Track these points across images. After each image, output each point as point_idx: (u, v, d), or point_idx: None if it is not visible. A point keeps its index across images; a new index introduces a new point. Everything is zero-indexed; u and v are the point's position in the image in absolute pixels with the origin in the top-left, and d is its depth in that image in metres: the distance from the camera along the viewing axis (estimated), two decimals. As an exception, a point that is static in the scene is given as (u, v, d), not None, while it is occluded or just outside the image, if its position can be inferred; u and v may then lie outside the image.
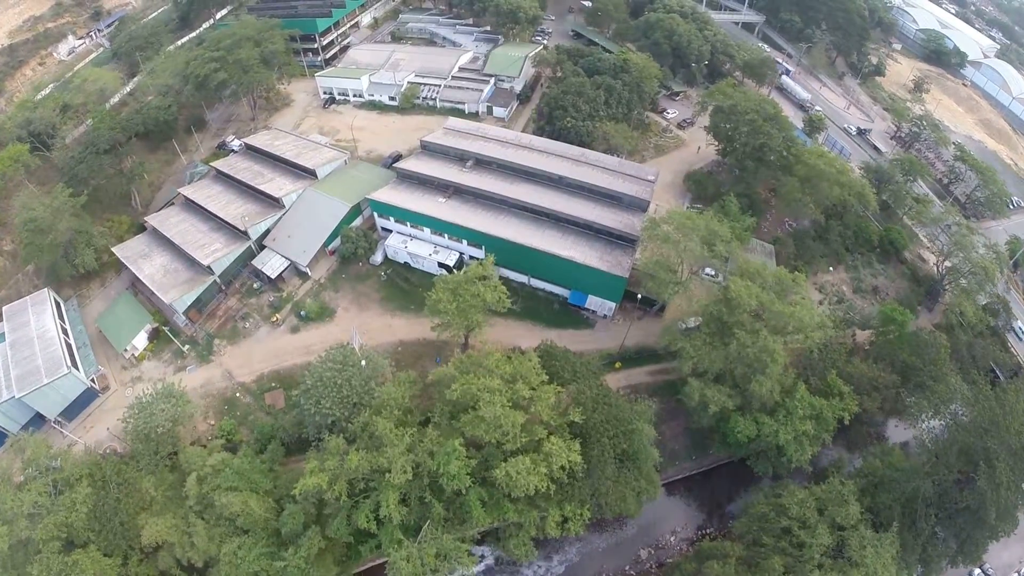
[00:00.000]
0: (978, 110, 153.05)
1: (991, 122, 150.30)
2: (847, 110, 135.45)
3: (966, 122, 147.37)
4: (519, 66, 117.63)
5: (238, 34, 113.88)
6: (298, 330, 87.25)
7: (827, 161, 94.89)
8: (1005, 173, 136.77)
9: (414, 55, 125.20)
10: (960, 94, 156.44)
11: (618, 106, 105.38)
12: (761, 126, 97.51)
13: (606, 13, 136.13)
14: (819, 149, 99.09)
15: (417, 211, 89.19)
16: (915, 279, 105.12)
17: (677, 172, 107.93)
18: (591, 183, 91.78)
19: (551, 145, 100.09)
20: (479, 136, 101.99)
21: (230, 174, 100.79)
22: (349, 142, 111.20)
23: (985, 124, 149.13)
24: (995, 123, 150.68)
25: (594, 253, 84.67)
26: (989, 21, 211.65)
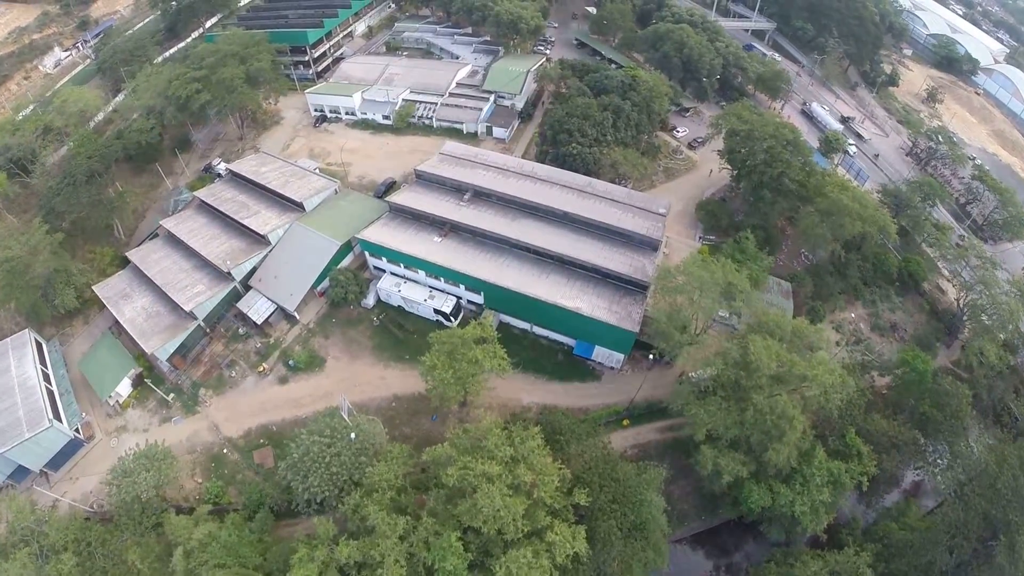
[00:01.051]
0: (991, 120, 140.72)
1: (1004, 133, 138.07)
2: (862, 124, 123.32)
3: (979, 134, 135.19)
4: (520, 82, 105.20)
5: (222, 51, 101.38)
6: (286, 381, 77.06)
7: (850, 195, 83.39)
8: (1020, 188, 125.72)
9: (409, 69, 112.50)
10: (973, 103, 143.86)
11: (626, 129, 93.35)
12: (779, 154, 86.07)
13: (612, 21, 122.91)
14: (841, 180, 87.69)
15: (410, 253, 78.09)
16: (934, 312, 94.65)
17: (688, 199, 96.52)
18: (599, 220, 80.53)
19: (555, 174, 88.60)
20: (478, 163, 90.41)
21: (214, 205, 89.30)
22: (340, 166, 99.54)
23: (998, 135, 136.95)
24: (1008, 134, 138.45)
25: (602, 302, 74.07)
26: (996, 22, 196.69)
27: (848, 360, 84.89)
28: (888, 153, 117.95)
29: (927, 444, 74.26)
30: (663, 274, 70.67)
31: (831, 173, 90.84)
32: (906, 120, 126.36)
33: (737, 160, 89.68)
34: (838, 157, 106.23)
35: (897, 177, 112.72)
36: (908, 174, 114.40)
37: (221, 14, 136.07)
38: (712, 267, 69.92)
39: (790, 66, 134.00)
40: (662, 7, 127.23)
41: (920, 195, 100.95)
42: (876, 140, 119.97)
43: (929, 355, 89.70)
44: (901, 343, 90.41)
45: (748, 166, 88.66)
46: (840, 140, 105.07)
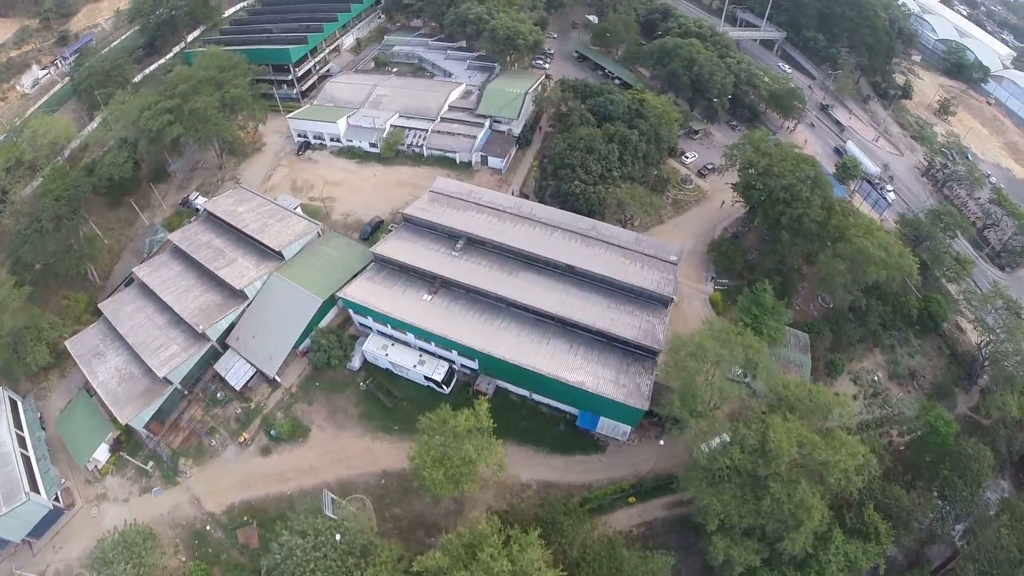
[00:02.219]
0: (1004, 132, 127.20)
1: (1018, 146, 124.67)
2: (876, 142, 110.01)
3: (992, 147, 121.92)
4: (518, 105, 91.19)
5: (196, 76, 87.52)
6: (269, 452, 66.17)
7: (875, 242, 71.19)
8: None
9: (398, 90, 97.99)
10: (985, 114, 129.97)
11: (633, 162, 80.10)
12: (800, 192, 73.60)
13: (615, 33, 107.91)
14: (866, 223, 75.11)
15: (397, 316, 65.90)
16: (953, 355, 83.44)
17: (699, 235, 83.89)
18: (605, 275, 68.20)
19: (556, 216, 75.62)
20: (471, 203, 77.27)
21: (188, 252, 76.72)
22: (323, 201, 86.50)
23: (1011, 148, 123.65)
24: (1021, 147, 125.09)
25: (608, 373, 62.37)
26: (1000, 23, 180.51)
27: (866, 415, 75.25)
28: (903, 174, 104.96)
29: (946, 510, 65.02)
30: (675, 346, 59.17)
31: (853, 211, 78.33)
32: (920, 136, 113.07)
33: (753, 197, 77.03)
34: (855, 183, 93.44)
35: (914, 202, 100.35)
36: (924, 197, 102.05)
37: (204, 27, 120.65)
38: (730, 338, 58.49)
39: (801, 79, 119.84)
40: (668, 17, 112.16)
41: (940, 226, 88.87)
42: (891, 160, 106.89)
43: (948, 403, 79.84)
44: (920, 392, 79.68)
45: (765, 204, 76.45)
46: (857, 166, 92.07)
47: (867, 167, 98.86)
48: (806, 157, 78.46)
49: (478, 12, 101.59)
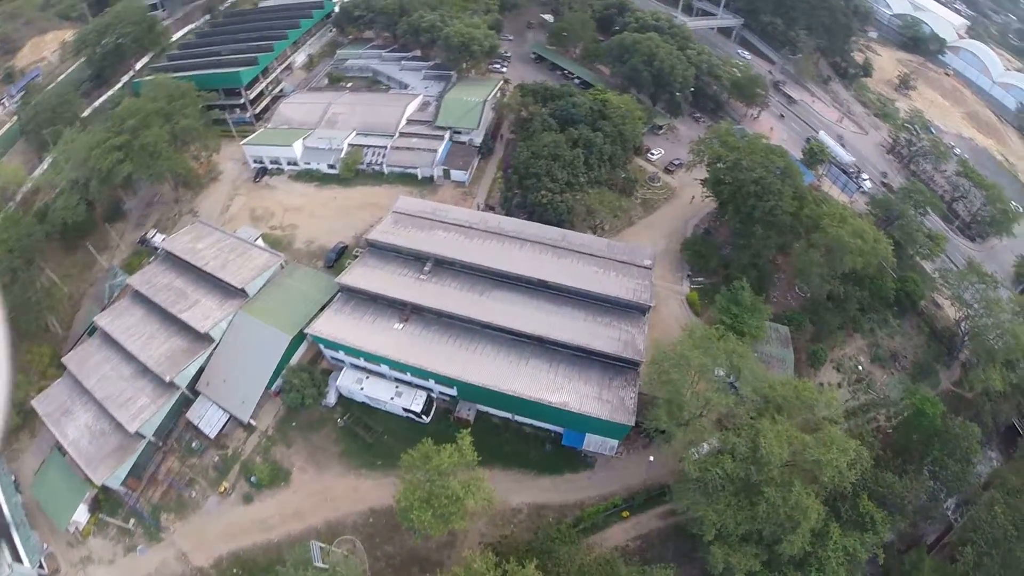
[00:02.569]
0: (963, 102, 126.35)
1: (978, 114, 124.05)
2: (840, 123, 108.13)
3: (953, 117, 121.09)
4: (477, 114, 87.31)
5: (144, 109, 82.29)
6: (251, 499, 62.36)
7: (850, 230, 69.24)
8: (999, 174, 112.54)
9: (354, 106, 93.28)
10: (944, 85, 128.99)
11: (600, 166, 77.06)
12: (771, 184, 71.14)
13: (572, 32, 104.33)
14: (840, 211, 72.95)
15: (369, 350, 62.32)
16: (932, 332, 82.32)
17: (671, 234, 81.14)
18: (579, 287, 65.32)
19: (524, 228, 72.29)
20: (436, 221, 73.51)
21: (149, 296, 71.73)
22: (284, 230, 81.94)
23: (972, 117, 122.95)
24: (982, 115, 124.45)
25: (591, 389, 59.60)
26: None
27: (852, 402, 73.52)
28: (870, 152, 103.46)
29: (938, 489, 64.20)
30: (657, 358, 56.31)
31: (826, 199, 76.01)
32: (883, 113, 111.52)
33: (724, 192, 74.42)
34: (823, 168, 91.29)
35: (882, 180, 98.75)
36: (892, 175, 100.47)
37: (152, 53, 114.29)
38: (711, 344, 55.97)
39: (761, 65, 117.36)
40: (624, 12, 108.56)
41: (911, 203, 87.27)
42: (857, 139, 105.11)
43: (931, 381, 78.63)
44: (903, 373, 78.37)
45: (736, 199, 73.81)
46: (824, 151, 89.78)
47: (841, 157, 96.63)
48: (775, 148, 76.09)
49: (431, 20, 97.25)
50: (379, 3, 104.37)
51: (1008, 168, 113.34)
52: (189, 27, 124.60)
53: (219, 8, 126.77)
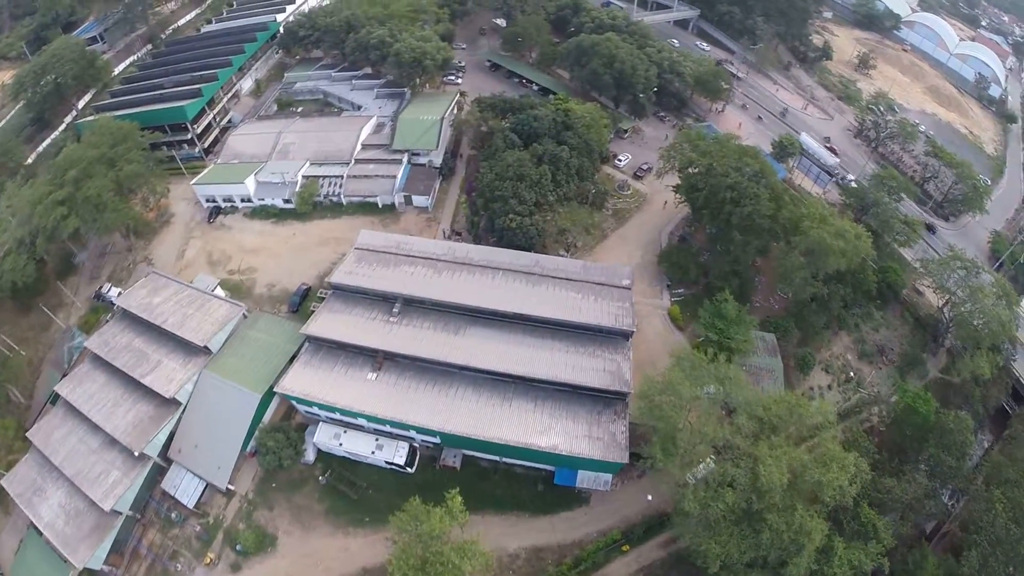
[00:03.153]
0: (923, 76, 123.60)
1: (939, 89, 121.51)
2: (805, 110, 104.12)
3: (915, 93, 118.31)
4: (435, 134, 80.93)
5: (86, 157, 74.72)
6: (239, 568, 57.04)
7: (832, 231, 65.31)
8: (964, 148, 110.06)
9: (306, 134, 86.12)
10: (903, 62, 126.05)
11: (568, 181, 71.85)
12: (747, 189, 66.62)
13: (526, 36, 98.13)
14: (820, 212, 68.92)
15: (343, 405, 56.95)
16: (916, 320, 79.34)
17: (647, 245, 76.48)
18: (557, 318, 60.58)
19: (494, 256, 67.08)
20: (402, 255, 67.75)
21: (109, 360, 65.22)
22: (244, 273, 75.21)
23: (933, 92, 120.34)
24: (943, 89, 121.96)
25: (579, 427, 55.20)
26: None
27: (843, 403, 70.11)
28: (837, 137, 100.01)
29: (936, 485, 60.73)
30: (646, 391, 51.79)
31: (803, 199, 71.76)
32: (846, 95, 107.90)
33: (698, 199, 69.79)
34: (793, 160, 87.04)
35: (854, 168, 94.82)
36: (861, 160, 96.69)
37: (94, 89, 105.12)
38: (700, 371, 51.64)
39: (720, 55, 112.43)
40: (579, 12, 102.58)
41: (885, 191, 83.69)
42: (822, 125, 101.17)
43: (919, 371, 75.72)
44: (891, 366, 75.32)
45: (711, 205, 69.16)
46: (794, 144, 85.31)
47: (824, 159, 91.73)
48: (748, 149, 71.75)
49: (380, 36, 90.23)
50: (324, 21, 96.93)
51: (973, 141, 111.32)
52: (131, 58, 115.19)
53: (160, 37, 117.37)
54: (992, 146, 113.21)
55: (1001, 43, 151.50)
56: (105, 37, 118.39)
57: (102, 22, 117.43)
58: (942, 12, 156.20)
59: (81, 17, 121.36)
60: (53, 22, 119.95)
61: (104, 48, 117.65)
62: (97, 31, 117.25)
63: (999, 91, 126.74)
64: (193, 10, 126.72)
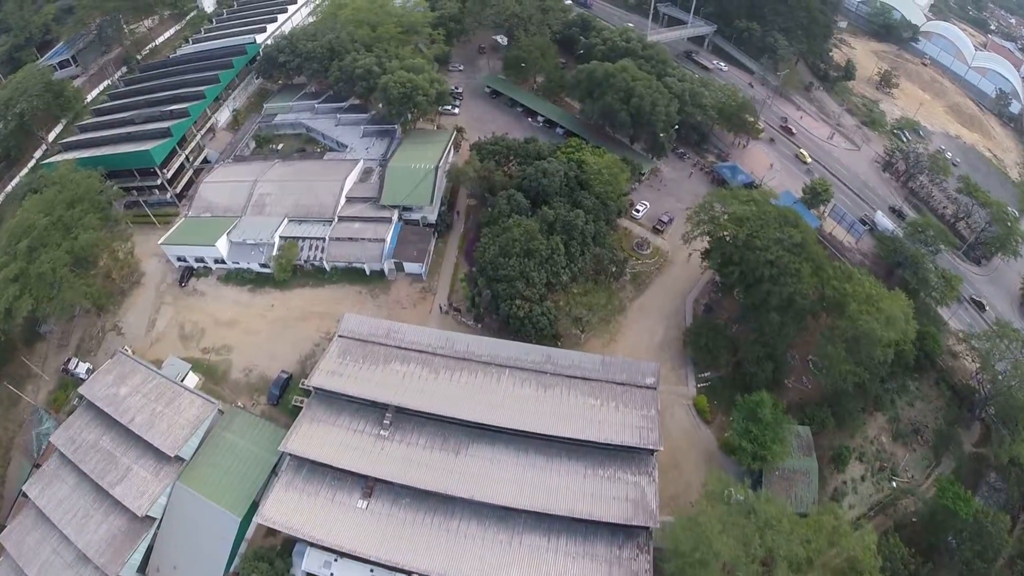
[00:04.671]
0: (944, 93, 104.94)
1: (960, 107, 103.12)
2: (831, 139, 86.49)
3: (938, 113, 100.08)
4: (429, 186, 63.63)
5: (39, 224, 58.95)
6: None
7: (883, 319, 50.64)
8: (989, 175, 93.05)
9: (284, 184, 68.42)
10: (923, 77, 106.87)
11: (582, 254, 55.79)
12: (788, 265, 51.09)
13: (530, 61, 78.81)
14: (867, 287, 53.29)
15: (330, 543, 43.36)
16: (951, 387, 64.76)
17: (669, 317, 60.74)
18: (574, 436, 46.02)
19: (499, 350, 51.69)
20: (392, 347, 52.39)
21: (76, 463, 51.87)
22: (219, 352, 59.76)
23: (955, 111, 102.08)
24: (964, 107, 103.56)
25: (599, 568, 41.47)
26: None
27: (875, 495, 56.89)
28: (864, 170, 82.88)
29: None
30: (677, 544, 38.62)
31: (848, 272, 55.75)
32: (870, 120, 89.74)
33: (732, 275, 54.19)
34: (827, 208, 70.57)
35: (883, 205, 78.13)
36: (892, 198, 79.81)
37: (65, 119, 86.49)
38: (739, 522, 38.39)
39: (740, 76, 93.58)
40: (588, 30, 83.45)
41: (923, 243, 67.93)
42: (849, 157, 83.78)
43: (954, 449, 61.97)
44: (926, 446, 61.79)
45: (746, 280, 53.60)
46: (828, 190, 68.48)
47: (884, 225, 73.47)
48: (788, 214, 55.59)
49: (366, 64, 71.56)
50: (306, 46, 77.38)
51: (997, 165, 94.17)
52: (105, 83, 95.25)
53: (136, 58, 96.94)
54: (1016, 170, 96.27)
55: (1012, 50, 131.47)
56: (78, 59, 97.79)
57: (72, 44, 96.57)
58: (952, 17, 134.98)
59: (57, 35, 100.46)
60: (27, 42, 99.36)
61: (77, 71, 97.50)
62: (69, 54, 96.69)
63: (1019, 107, 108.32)
64: (172, 26, 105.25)
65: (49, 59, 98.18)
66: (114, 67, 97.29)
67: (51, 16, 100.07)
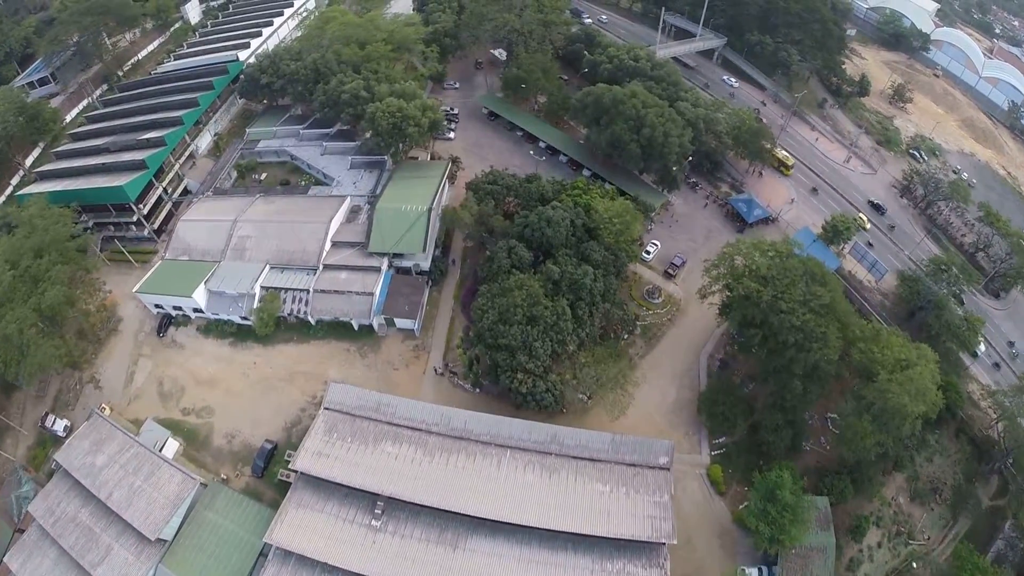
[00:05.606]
0: (957, 107, 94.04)
1: (974, 121, 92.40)
2: (847, 163, 76.14)
3: (951, 128, 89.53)
4: (422, 232, 53.95)
5: (3, 280, 50.13)
6: None
7: (913, 391, 42.55)
8: (1005, 195, 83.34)
9: (265, 225, 58.38)
10: (936, 89, 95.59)
11: (591, 315, 46.87)
12: (814, 329, 42.77)
13: (531, 81, 68.05)
14: (895, 353, 44.76)
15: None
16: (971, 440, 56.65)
17: (682, 376, 52.18)
18: (582, 531, 38.30)
19: (500, 429, 43.43)
20: (383, 423, 44.22)
21: (55, 539, 44.90)
22: (200, 415, 51.43)
23: (968, 125, 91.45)
24: (977, 122, 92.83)
25: None
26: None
27: (892, 561, 49.77)
28: (882, 197, 72.80)
29: None
30: None
31: (876, 332, 47.01)
32: (885, 139, 79.40)
33: (754, 338, 45.77)
34: (848, 246, 61.52)
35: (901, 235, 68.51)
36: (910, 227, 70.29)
37: (43, 142, 75.55)
38: None
39: (752, 94, 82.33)
40: (593, 46, 72.41)
41: (946, 283, 59.11)
42: (866, 181, 74.01)
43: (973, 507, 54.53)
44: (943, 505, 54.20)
45: (768, 343, 45.21)
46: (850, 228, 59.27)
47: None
48: (815, 269, 46.55)
49: (353, 89, 61.24)
50: (289, 67, 66.51)
51: (1012, 185, 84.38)
52: (84, 102, 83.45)
53: (117, 74, 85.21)
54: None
55: (1020, 56, 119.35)
56: (57, 76, 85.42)
57: (49, 62, 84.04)
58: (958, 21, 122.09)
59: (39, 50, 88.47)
60: (7, 57, 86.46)
61: (57, 89, 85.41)
62: (47, 71, 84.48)
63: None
64: (156, 38, 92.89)
65: (27, 77, 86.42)
66: (93, 86, 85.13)
67: (32, 29, 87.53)
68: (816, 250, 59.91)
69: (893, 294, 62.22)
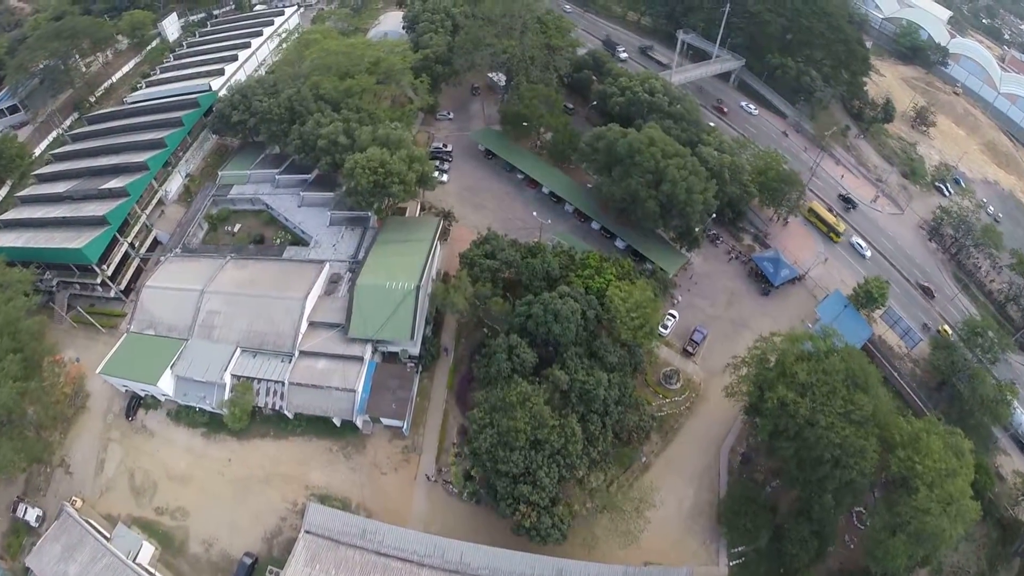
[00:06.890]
0: (978, 128, 79.79)
1: (995, 144, 78.51)
2: (875, 203, 63.27)
3: (973, 152, 75.93)
4: (409, 314, 42.07)
5: None
6: None
7: (954, 512, 33.19)
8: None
9: (236, 298, 46.24)
10: (957, 109, 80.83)
11: (603, 431, 36.20)
12: (852, 444, 32.42)
13: (533, 117, 54.44)
14: (935, 462, 33.99)
15: None
16: (996, 520, 47.15)
17: (700, 476, 42.02)
18: None
19: (501, 563, 33.20)
20: (369, 552, 34.11)
21: None
22: (174, 516, 41.57)
23: (990, 149, 77.74)
24: (999, 145, 78.89)
25: None
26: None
27: None
28: (909, 241, 60.73)
29: None
30: None
31: (917, 438, 36.38)
32: (910, 170, 66.20)
33: (787, 450, 35.23)
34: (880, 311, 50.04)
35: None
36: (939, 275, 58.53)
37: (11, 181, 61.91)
38: None
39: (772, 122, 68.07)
40: (603, 72, 58.55)
41: (980, 349, 48.26)
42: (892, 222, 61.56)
43: None
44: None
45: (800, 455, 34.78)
46: (884, 294, 47.60)
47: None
48: (857, 374, 35.30)
49: (330, 133, 47.91)
50: (262, 104, 52.65)
51: (1036, 216, 72.00)
52: (53, 134, 68.43)
53: (90, 100, 70.28)
54: (1053, 220, 74.50)
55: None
56: (28, 105, 70.27)
57: (15, 91, 68.72)
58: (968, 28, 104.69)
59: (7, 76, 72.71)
60: None
61: (27, 118, 70.36)
62: (14, 100, 69.38)
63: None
64: (132, 58, 76.74)
65: (-4, 105, 72.49)
66: (62, 116, 69.85)
67: (3, 50, 72.49)
68: (847, 317, 48.75)
69: (924, 361, 51.64)
